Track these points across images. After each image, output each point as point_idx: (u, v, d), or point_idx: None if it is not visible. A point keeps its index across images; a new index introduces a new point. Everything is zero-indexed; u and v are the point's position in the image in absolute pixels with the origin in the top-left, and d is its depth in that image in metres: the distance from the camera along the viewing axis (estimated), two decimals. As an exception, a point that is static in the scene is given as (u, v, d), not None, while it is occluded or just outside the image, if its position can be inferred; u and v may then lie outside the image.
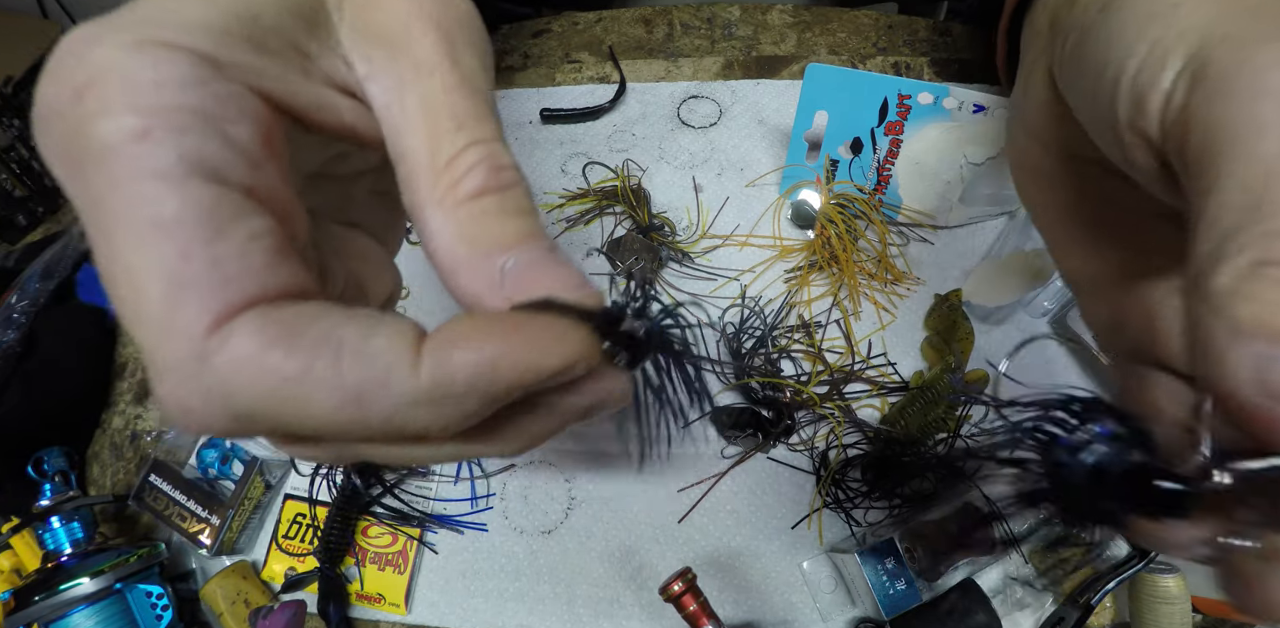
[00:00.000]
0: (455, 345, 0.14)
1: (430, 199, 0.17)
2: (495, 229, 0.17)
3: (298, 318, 0.14)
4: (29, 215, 0.85)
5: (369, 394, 0.14)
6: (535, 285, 0.16)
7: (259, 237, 0.15)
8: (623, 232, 0.55)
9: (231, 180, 0.15)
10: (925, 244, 0.52)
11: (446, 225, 0.17)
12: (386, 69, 0.18)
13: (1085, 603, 0.41)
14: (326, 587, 0.48)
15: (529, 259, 0.17)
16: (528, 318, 0.15)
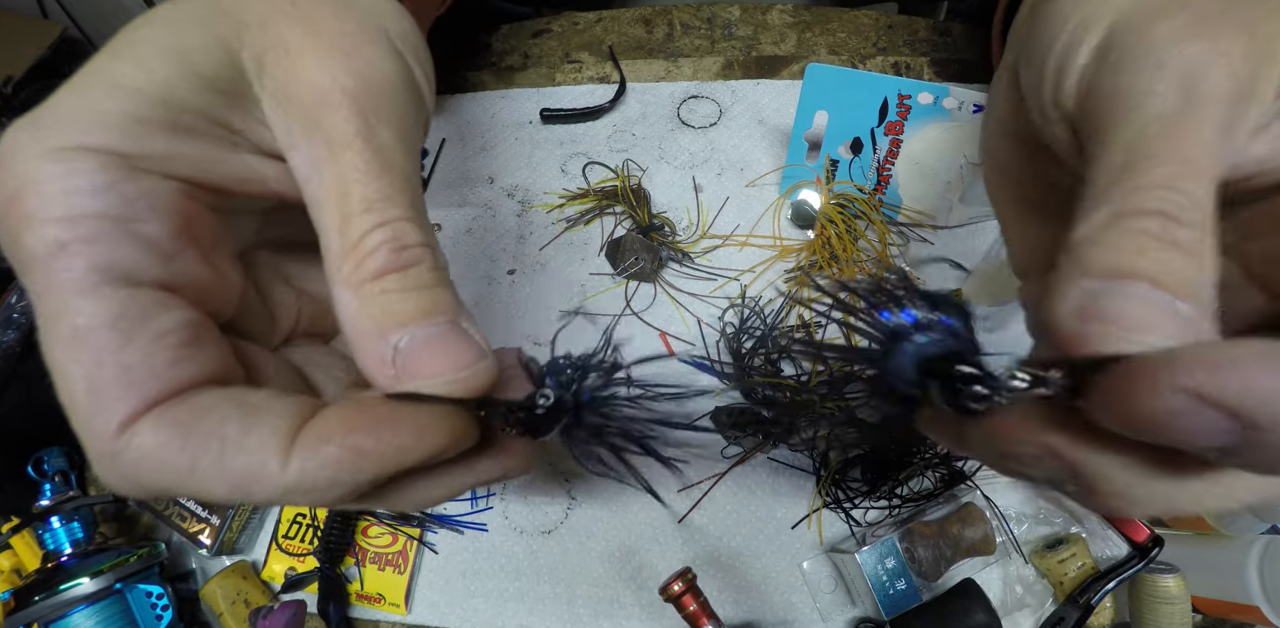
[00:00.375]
0: (325, 440, 0.16)
1: (338, 277, 0.18)
2: (393, 307, 0.18)
3: (192, 414, 0.16)
4: (29, 215, 0.86)
5: (248, 485, 0.16)
6: (428, 364, 0.17)
7: (167, 333, 0.16)
8: (623, 232, 0.55)
9: (143, 279, 0.17)
10: (925, 244, 0.52)
11: (351, 303, 0.18)
12: (303, 142, 0.19)
13: (1085, 603, 0.41)
14: (326, 587, 0.48)
15: (423, 336, 0.17)
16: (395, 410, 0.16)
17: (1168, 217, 0.16)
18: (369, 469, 0.16)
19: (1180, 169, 0.16)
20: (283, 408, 0.17)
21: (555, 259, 0.56)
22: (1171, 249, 0.15)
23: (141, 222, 0.17)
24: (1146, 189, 0.16)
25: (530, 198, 0.58)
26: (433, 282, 0.18)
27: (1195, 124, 0.16)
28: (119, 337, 0.16)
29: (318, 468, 0.16)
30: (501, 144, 0.61)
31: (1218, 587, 0.41)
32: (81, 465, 0.57)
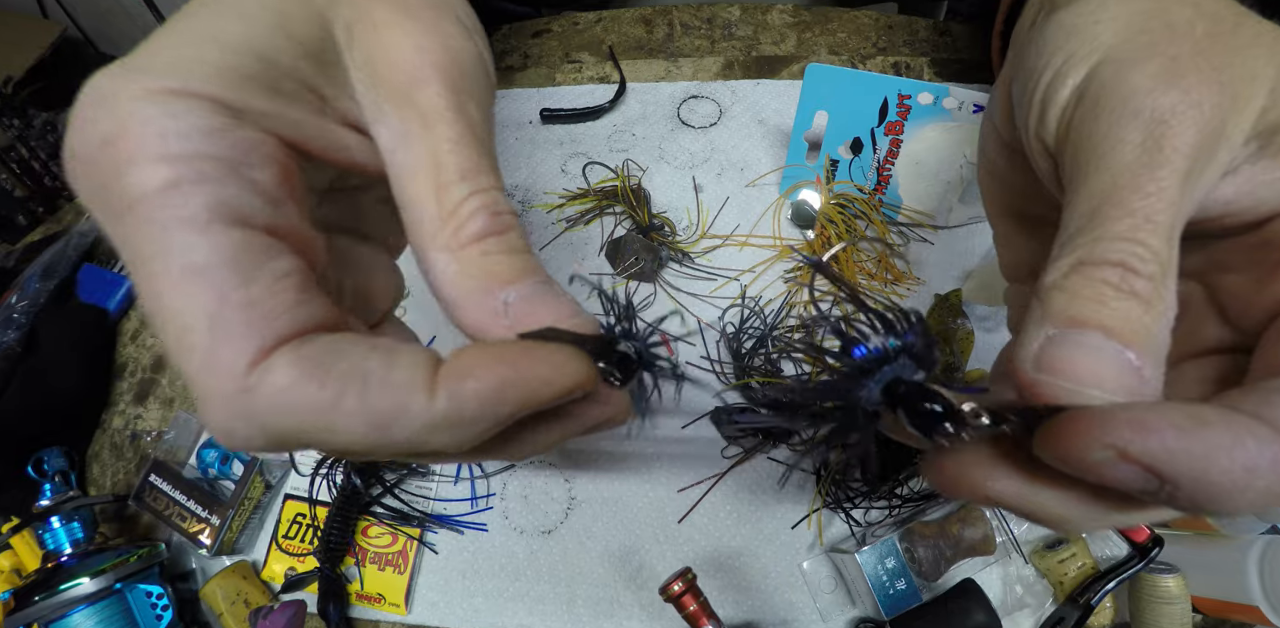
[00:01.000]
0: (468, 374, 0.15)
1: (435, 243, 0.18)
2: (497, 267, 0.18)
3: (327, 352, 0.15)
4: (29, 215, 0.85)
5: (392, 421, 0.15)
6: (535, 316, 0.18)
7: (285, 275, 0.16)
8: (623, 232, 0.55)
9: (256, 223, 0.16)
10: (925, 244, 0.52)
11: (451, 265, 0.18)
12: (393, 117, 0.19)
13: (1085, 603, 0.41)
14: (326, 587, 0.48)
15: (529, 292, 0.18)
16: (533, 346, 0.17)
17: (1127, 268, 0.17)
18: (512, 401, 0.16)
19: (1143, 221, 0.17)
20: (415, 350, 0.16)
21: (555, 259, 0.56)
22: (1129, 299, 0.16)
23: (252, 167, 0.16)
24: (1109, 240, 0.17)
25: (530, 198, 0.58)
26: (525, 247, 0.19)
27: (1160, 176, 0.17)
28: (239, 275, 0.15)
29: (464, 401, 0.15)
30: (501, 144, 0.61)
31: (1218, 587, 0.41)
32: (81, 466, 0.57)
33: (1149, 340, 0.16)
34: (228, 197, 0.15)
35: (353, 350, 0.15)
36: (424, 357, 0.16)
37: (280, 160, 0.18)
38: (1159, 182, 0.17)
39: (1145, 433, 0.14)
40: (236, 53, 0.17)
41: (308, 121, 0.19)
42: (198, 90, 0.16)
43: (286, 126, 0.18)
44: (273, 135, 0.18)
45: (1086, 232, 0.18)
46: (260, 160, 0.17)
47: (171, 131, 0.15)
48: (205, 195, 0.15)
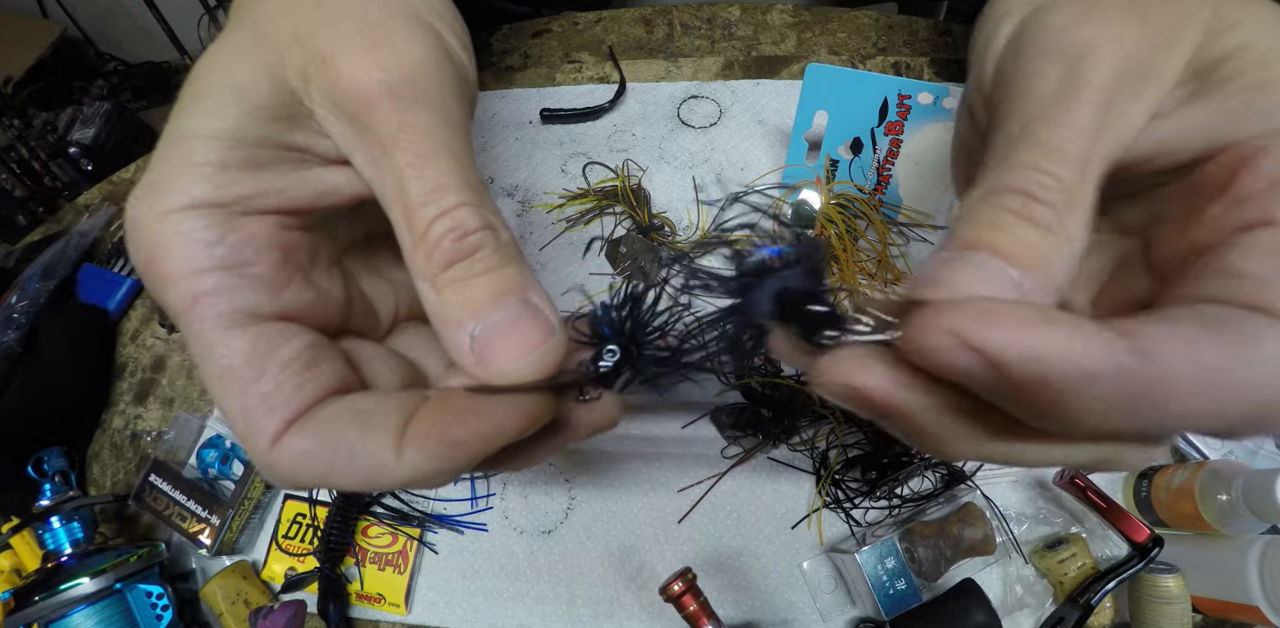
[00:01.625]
0: (424, 437, 0.18)
1: (414, 271, 0.20)
2: (463, 296, 0.19)
3: (322, 428, 0.19)
4: (29, 215, 0.85)
5: (375, 478, 0.18)
6: (495, 353, 0.19)
7: (290, 362, 0.19)
8: (623, 232, 0.55)
9: (263, 313, 0.19)
10: (925, 244, 0.52)
11: (430, 295, 0.20)
12: (358, 147, 0.20)
13: (1085, 603, 0.41)
14: (326, 587, 0.48)
15: (494, 322, 0.19)
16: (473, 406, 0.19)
17: (1028, 195, 0.17)
18: (464, 456, 0.18)
19: (1049, 151, 0.17)
20: (389, 410, 0.19)
21: (555, 259, 0.56)
22: (1026, 226, 0.17)
23: (251, 265, 0.19)
24: (1014, 169, 0.17)
25: (530, 198, 0.58)
26: (498, 262, 0.20)
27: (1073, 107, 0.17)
28: (254, 371, 0.19)
29: (424, 461, 0.18)
30: (501, 144, 0.61)
31: (1218, 587, 0.41)
32: (81, 466, 0.57)
33: (1041, 264, 0.16)
34: (238, 302, 0.19)
35: (339, 424, 0.19)
36: (394, 421, 0.19)
37: (277, 242, 0.20)
38: (1070, 112, 0.17)
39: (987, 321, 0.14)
40: (212, 146, 0.19)
41: (290, 182, 0.20)
42: (194, 200, 0.19)
43: (273, 198, 0.20)
44: (267, 215, 0.20)
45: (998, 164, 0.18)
46: (257, 254, 0.20)
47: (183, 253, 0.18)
48: (218, 306, 0.19)
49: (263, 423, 0.19)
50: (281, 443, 0.19)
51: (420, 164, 0.19)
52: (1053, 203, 0.17)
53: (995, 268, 0.16)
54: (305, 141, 0.21)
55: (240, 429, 0.19)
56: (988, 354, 0.14)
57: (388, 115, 0.19)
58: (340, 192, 0.22)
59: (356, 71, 0.19)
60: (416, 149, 0.19)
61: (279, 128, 0.20)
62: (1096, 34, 0.18)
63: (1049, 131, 0.17)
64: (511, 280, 0.20)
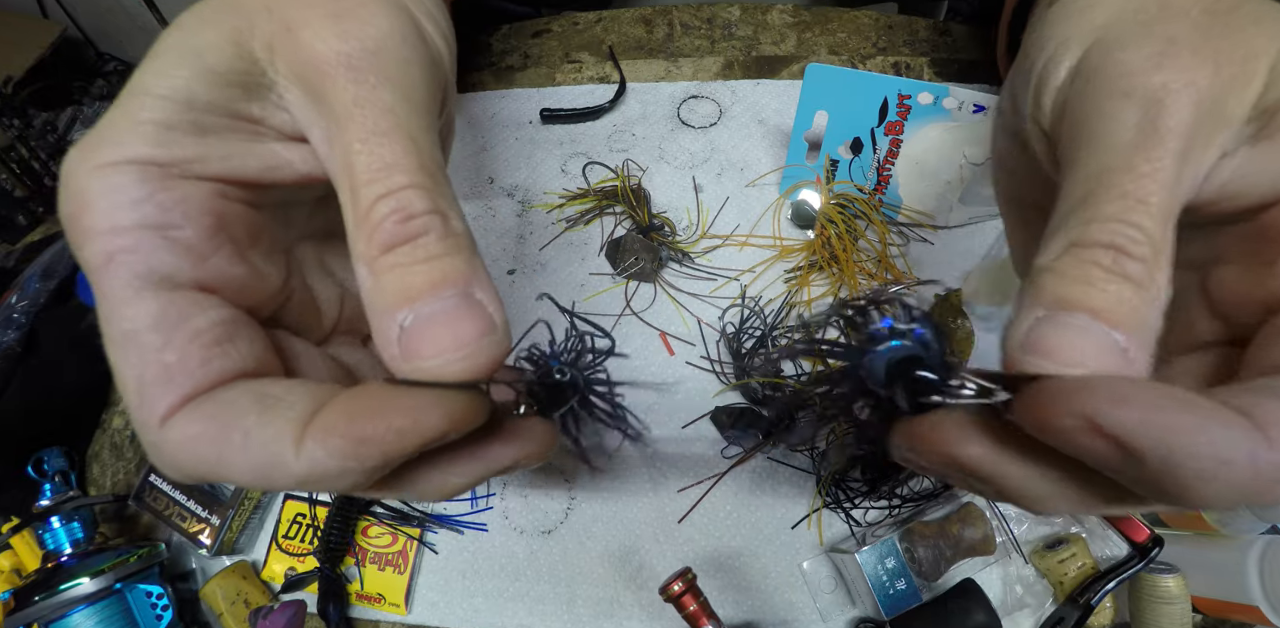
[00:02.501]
0: (326, 433, 0.16)
1: (355, 254, 0.18)
2: (400, 283, 0.17)
3: (219, 409, 0.17)
4: (29, 215, 0.85)
5: (268, 473, 0.17)
6: (422, 344, 0.17)
7: (200, 334, 0.18)
8: (623, 232, 0.55)
9: (181, 280, 0.18)
10: (925, 244, 0.52)
11: (366, 279, 0.18)
12: (315, 120, 0.19)
13: (1085, 603, 0.41)
14: (326, 587, 0.48)
15: (428, 313, 0.17)
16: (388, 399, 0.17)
17: (1119, 249, 0.16)
18: (372, 456, 0.16)
19: (1135, 203, 0.17)
20: (298, 399, 0.17)
21: (555, 259, 0.56)
22: (1120, 282, 0.16)
23: (176, 227, 0.18)
24: (1101, 221, 0.17)
25: (530, 198, 0.58)
26: (443, 251, 0.18)
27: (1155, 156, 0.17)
28: (159, 338, 0.17)
29: (325, 457, 0.16)
30: (501, 144, 0.61)
31: (1218, 587, 0.41)
32: (81, 466, 0.57)
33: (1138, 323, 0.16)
34: (154, 264, 0.18)
35: (237, 406, 0.17)
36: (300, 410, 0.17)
37: (211, 209, 0.19)
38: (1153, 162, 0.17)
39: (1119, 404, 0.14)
40: (160, 105, 0.18)
41: (237, 152, 0.19)
42: (129, 156, 0.18)
43: (216, 164, 0.19)
44: (206, 180, 0.19)
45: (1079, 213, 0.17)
46: (185, 217, 0.18)
47: (107, 206, 0.17)
48: (134, 265, 0.17)
49: (157, 396, 0.17)
50: (172, 421, 0.17)
51: (371, 140, 0.18)
52: (1144, 257, 0.16)
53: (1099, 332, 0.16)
54: (261, 113, 0.20)
55: (133, 402, 0.17)
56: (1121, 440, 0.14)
57: (344, 87, 0.18)
58: (292, 168, 0.20)
59: (317, 41, 0.18)
60: (370, 125, 0.18)
61: (233, 95, 0.19)
62: (1173, 78, 0.17)
63: (1134, 183, 0.17)
64: (455, 270, 0.18)
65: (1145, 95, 0.17)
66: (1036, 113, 0.21)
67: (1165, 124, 0.17)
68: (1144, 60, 0.18)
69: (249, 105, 0.19)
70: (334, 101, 0.18)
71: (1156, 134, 0.17)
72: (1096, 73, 0.18)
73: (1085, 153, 0.18)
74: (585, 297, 0.54)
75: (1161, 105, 0.17)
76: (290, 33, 0.19)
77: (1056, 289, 0.17)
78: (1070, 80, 0.19)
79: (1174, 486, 0.14)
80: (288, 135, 0.20)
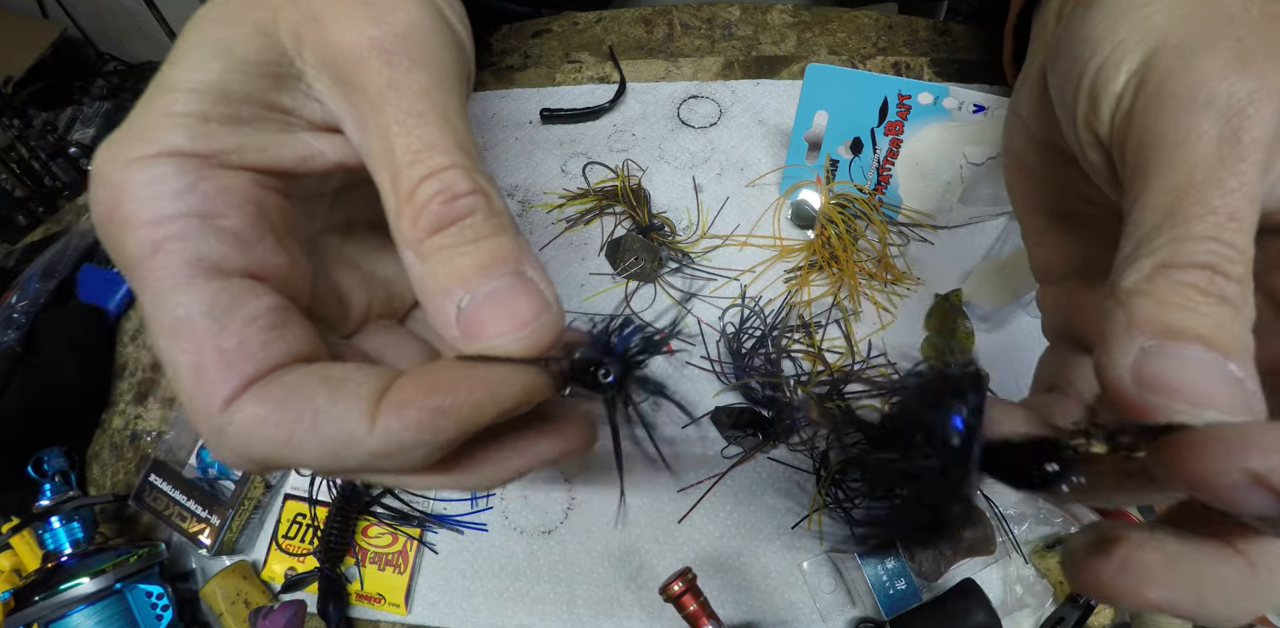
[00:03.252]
0: (402, 406, 0.16)
1: (399, 237, 0.18)
2: (451, 265, 0.17)
3: (287, 390, 0.17)
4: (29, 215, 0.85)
5: (341, 449, 0.16)
6: (484, 326, 0.17)
7: (256, 319, 0.18)
8: (623, 232, 0.55)
9: (230, 268, 0.18)
10: (925, 244, 0.52)
11: (415, 263, 0.18)
12: (347, 109, 0.19)
13: (1085, 603, 0.41)
14: (326, 587, 0.48)
15: (484, 293, 0.17)
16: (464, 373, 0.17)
17: (1215, 270, 0.16)
18: (448, 427, 0.16)
19: (1226, 219, 0.16)
20: (365, 378, 0.17)
21: (555, 259, 0.56)
22: (1220, 305, 0.15)
23: (222, 216, 0.18)
24: (1194, 240, 0.16)
25: (530, 198, 0.58)
26: (490, 230, 0.18)
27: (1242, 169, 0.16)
28: (214, 324, 0.17)
29: (401, 429, 0.16)
30: (501, 144, 0.61)
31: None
32: (81, 466, 0.57)
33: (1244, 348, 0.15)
34: (203, 251, 0.17)
35: (306, 386, 0.17)
36: (369, 387, 0.17)
37: (252, 198, 0.19)
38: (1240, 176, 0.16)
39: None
40: (194, 99, 0.18)
41: (273, 142, 0.19)
42: (168, 148, 0.18)
43: (253, 155, 0.19)
44: (243, 170, 0.19)
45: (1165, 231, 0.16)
46: (229, 206, 0.18)
47: (150, 197, 0.17)
48: (183, 253, 0.17)
49: (217, 381, 0.17)
50: (237, 405, 0.17)
51: (409, 122, 0.18)
52: (1239, 278, 0.16)
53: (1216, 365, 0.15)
54: (293, 104, 0.20)
55: (189, 389, 0.17)
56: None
57: (378, 70, 0.18)
58: (325, 157, 0.21)
59: (347, 29, 0.18)
60: (406, 106, 0.18)
61: (266, 86, 0.19)
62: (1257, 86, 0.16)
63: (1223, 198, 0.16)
64: (505, 249, 0.18)
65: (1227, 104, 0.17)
66: (1093, 121, 0.20)
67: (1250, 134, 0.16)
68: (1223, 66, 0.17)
69: (280, 96, 0.19)
70: (368, 86, 0.18)
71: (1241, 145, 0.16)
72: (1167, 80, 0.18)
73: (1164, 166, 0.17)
74: (585, 297, 0.54)
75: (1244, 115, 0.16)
76: (317, 22, 0.19)
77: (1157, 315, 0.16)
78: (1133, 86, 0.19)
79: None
80: (318, 125, 0.20)
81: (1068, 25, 0.22)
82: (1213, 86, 0.17)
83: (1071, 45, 0.21)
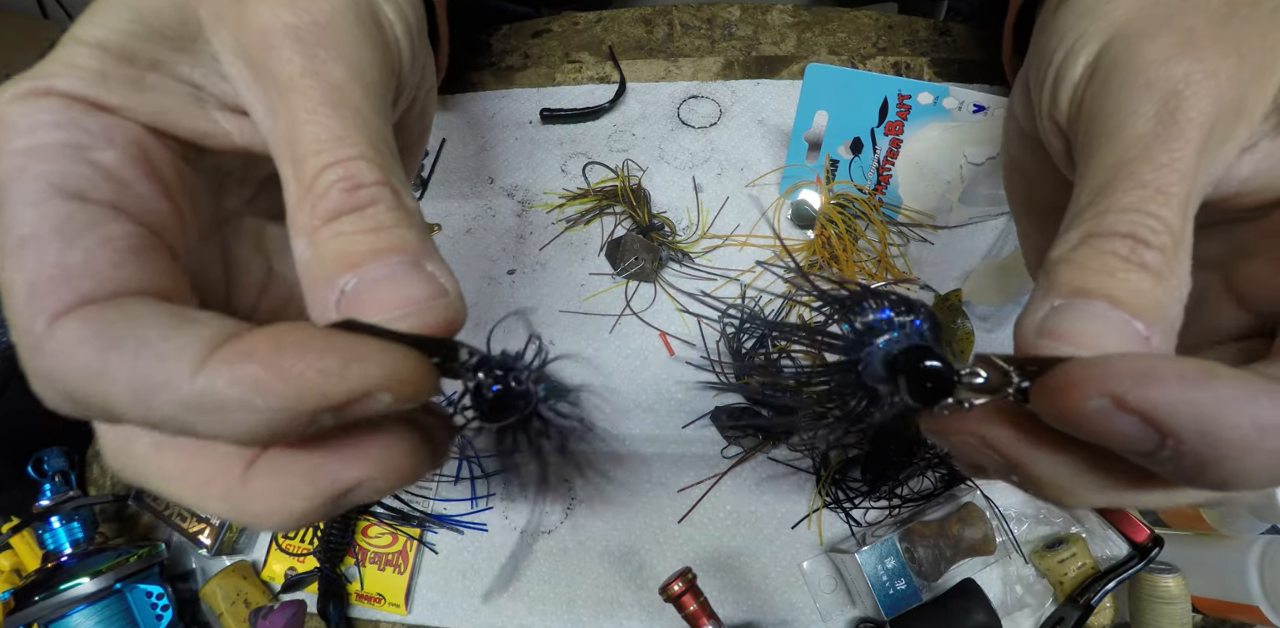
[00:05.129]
0: (246, 356, 0.14)
1: (296, 227, 0.17)
2: (342, 248, 0.16)
3: (120, 316, 0.15)
4: (29, 215, 0.85)
5: (149, 393, 0.14)
6: (373, 304, 0.16)
7: (109, 240, 0.16)
8: (623, 232, 0.55)
9: (93, 197, 0.16)
10: (925, 244, 0.52)
11: (305, 251, 0.16)
12: (258, 92, 0.18)
13: (1085, 603, 0.41)
14: (326, 587, 0.48)
15: (377, 275, 0.16)
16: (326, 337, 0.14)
17: (1137, 239, 0.16)
18: (283, 396, 0.13)
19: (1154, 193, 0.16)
20: (216, 323, 0.15)
21: (555, 259, 0.56)
22: (1139, 271, 0.16)
23: (97, 149, 0.17)
24: (1119, 211, 0.16)
25: (530, 198, 0.58)
26: (393, 222, 0.17)
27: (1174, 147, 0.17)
28: (62, 241, 0.15)
29: (228, 383, 0.13)
30: (501, 144, 0.61)
31: (1218, 587, 0.41)
32: (81, 466, 0.57)
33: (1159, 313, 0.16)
34: (66, 175, 0.16)
35: (146, 315, 0.15)
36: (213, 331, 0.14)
37: (136, 142, 0.18)
38: (1172, 152, 0.16)
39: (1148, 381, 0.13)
40: (96, 53, 0.18)
41: (172, 108, 0.19)
42: (57, 89, 0.17)
43: (147, 116, 0.18)
44: (138, 123, 0.18)
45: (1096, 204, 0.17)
46: (108, 143, 0.17)
47: (24, 126, 0.16)
48: (44, 176, 0.16)
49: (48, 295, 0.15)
50: (61, 322, 0.14)
51: (320, 111, 0.17)
52: (1162, 247, 0.16)
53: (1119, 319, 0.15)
54: (203, 80, 0.19)
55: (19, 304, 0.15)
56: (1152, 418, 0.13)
57: (290, 58, 0.17)
58: (229, 138, 0.20)
59: (265, 14, 0.18)
60: (318, 96, 0.17)
61: (174, 58, 0.19)
62: (1194, 69, 0.17)
63: (1153, 173, 0.16)
64: (405, 241, 0.16)
65: (1165, 86, 0.17)
66: (1053, 109, 0.20)
67: (1186, 115, 0.17)
68: (1163, 51, 0.17)
69: (190, 71, 0.19)
70: (279, 73, 0.18)
71: (1176, 125, 0.17)
72: (1115, 65, 0.18)
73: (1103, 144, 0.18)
74: (585, 297, 0.54)
75: (1181, 96, 0.17)
76: (239, 4, 0.18)
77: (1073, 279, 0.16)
78: (1088, 75, 0.19)
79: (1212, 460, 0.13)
80: (229, 106, 0.20)
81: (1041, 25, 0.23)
82: (1153, 70, 0.17)
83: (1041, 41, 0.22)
